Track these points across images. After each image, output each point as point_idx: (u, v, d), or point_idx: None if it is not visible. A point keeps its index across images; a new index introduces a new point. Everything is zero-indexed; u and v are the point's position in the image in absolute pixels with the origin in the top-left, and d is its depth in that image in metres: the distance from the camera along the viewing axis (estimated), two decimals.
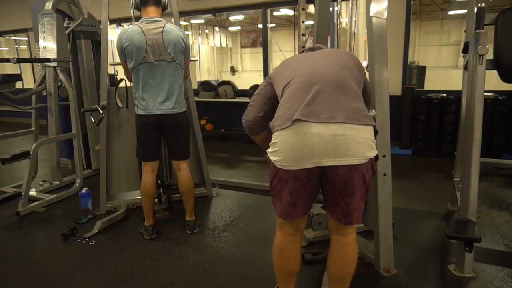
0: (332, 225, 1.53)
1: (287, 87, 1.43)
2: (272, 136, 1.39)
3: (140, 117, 2.37)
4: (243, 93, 5.59)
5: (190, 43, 11.49)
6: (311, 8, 5.72)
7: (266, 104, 1.60)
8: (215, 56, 15.93)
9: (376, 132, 1.40)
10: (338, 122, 1.28)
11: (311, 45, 1.73)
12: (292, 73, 1.46)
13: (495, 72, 2.15)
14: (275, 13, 10.93)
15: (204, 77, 13.45)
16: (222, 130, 5.78)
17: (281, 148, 1.33)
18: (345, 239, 1.51)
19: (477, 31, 1.93)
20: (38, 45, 3.30)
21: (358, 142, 1.29)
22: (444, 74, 12.12)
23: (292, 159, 1.31)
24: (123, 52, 2.29)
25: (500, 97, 4.12)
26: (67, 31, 3.46)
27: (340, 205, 1.41)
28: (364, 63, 6.22)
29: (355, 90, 1.40)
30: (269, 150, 1.40)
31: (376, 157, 1.40)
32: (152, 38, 2.25)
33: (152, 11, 2.33)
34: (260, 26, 6.21)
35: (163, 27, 2.29)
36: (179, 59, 2.36)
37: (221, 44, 12.73)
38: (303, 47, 2.87)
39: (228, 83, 5.77)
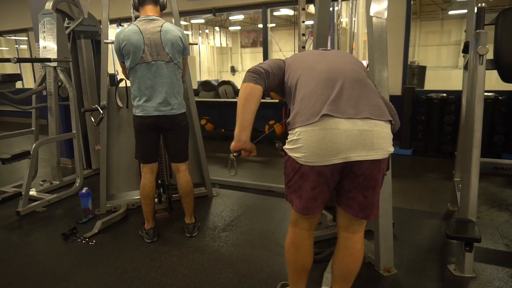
0: (342, 221, 1.53)
1: (303, 80, 1.42)
2: (291, 132, 1.37)
3: (138, 117, 2.33)
4: None
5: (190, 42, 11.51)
6: (311, 8, 5.72)
7: (276, 68, 1.53)
8: (215, 56, 15.94)
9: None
10: (364, 118, 1.29)
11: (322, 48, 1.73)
12: (308, 67, 1.46)
13: (495, 72, 2.15)
14: (275, 13, 10.92)
15: (204, 77, 13.45)
16: (222, 130, 5.78)
17: (306, 144, 1.31)
18: (354, 237, 1.52)
19: (477, 31, 1.93)
20: (38, 45, 3.31)
21: (382, 137, 1.32)
22: (444, 74, 12.11)
23: (319, 155, 1.30)
24: (121, 51, 2.26)
25: (500, 97, 4.12)
26: (67, 31, 3.47)
27: (357, 199, 1.40)
28: (364, 63, 6.22)
29: (373, 88, 1.42)
30: (288, 146, 1.38)
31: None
32: (150, 38, 2.22)
33: (150, 10, 2.30)
34: (260, 26, 6.21)
35: (161, 26, 2.26)
36: (177, 59, 2.33)
37: (221, 44, 12.75)
38: (303, 47, 2.88)
39: (228, 83, 5.77)
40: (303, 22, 2.83)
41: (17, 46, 9.69)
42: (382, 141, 1.31)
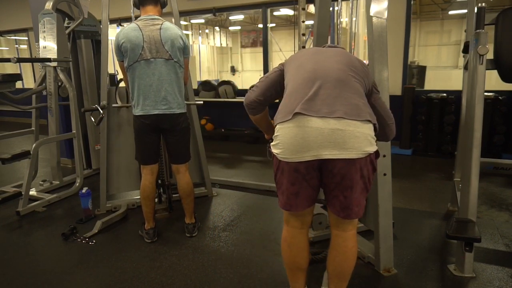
0: (332, 220, 1.54)
1: (290, 79, 1.48)
2: (275, 129, 1.42)
3: (138, 118, 2.31)
4: (243, 92, 5.56)
5: (190, 42, 11.52)
6: (311, 8, 5.71)
7: (270, 90, 1.62)
8: (215, 55, 15.93)
9: (376, 130, 1.41)
10: (337, 117, 1.31)
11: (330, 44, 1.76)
12: (299, 66, 1.51)
13: (495, 72, 2.15)
14: (275, 13, 10.92)
15: (204, 77, 13.44)
16: (222, 130, 5.78)
17: (282, 141, 1.36)
18: (344, 235, 1.52)
19: (477, 31, 1.92)
20: (38, 44, 3.30)
21: (356, 136, 1.31)
22: (444, 74, 12.11)
23: (292, 151, 1.34)
24: (120, 49, 2.24)
25: (500, 97, 4.12)
26: (67, 31, 3.47)
27: (338, 198, 1.42)
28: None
29: (357, 88, 1.42)
30: (272, 143, 1.43)
31: (377, 154, 1.40)
32: (149, 35, 2.21)
33: (150, 10, 2.29)
34: (260, 26, 6.21)
35: (161, 24, 2.25)
36: (177, 57, 2.30)
37: (221, 44, 12.75)
38: (303, 47, 2.88)
39: (228, 82, 5.77)
40: (303, 22, 2.83)
41: (17, 46, 9.69)
42: (355, 140, 1.31)
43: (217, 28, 12.72)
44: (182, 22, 5.92)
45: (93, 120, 2.91)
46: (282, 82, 1.58)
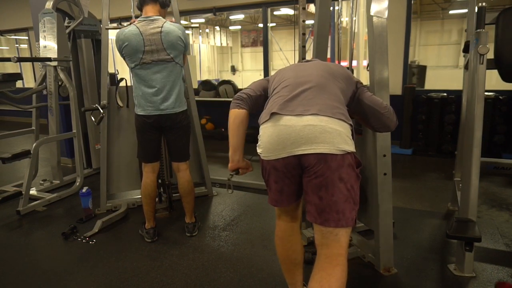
0: (316, 237, 1.40)
1: (275, 89, 1.55)
2: (259, 130, 1.49)
3: (140, 117, 2.35)
4: None
5: (191, 42, 11.52)
6: (312, 7, 5.71)
7: (259, 90, 1.68)
8: (216, 55, 15.93)
9: (359, 132, 1.42)
10: (311, 114, 1.34)
11: (310, 58, 1.85)
12: (282, 77, 1.58)
13: (495, 71, 2.15)
14: (275, 13, 10.91)
15: (205, 76, 13.45)
16: (223, 130, 5.78)
17: (262, 140, 1.43)
18: (328, 253, 1.34)
19: (478, 30, 1.92)
20: (39, 44, 3.31)
21: (327, 131, 1.31)
22: (444, 74, 12.10)
23: (270, 149, 1.40)
24: (122, 53, 2.28)
25: (500, 97, 4.12)
26: (67, 30, 3.47)
27: (313, 201, 1.34)
28: (365, 63, 6.21)
29: (336, 93, 1.46)
30: (257, 144, 1.49)
31: (358, 163, 1.39)
32: (150, 39, 2.22)
33: (149, 10, 2.29)
34: (261, 25, 6.21)
35: (161, 26, 2.25)
36: (178, 58, 2.33)
37: (221, 43, 12.73)
38: (304, 46, 2.87)
39: (228, 82, 5.77)
40: (304, 21, 2.82)
41: (17, 45, 9.69)
42: (327, 135, 1.30)
43: (217, 28, 12.71)
44: (182, 22, 5.91)
45: (93, 119, 2.91)
46: (267, 89, 1.65)
